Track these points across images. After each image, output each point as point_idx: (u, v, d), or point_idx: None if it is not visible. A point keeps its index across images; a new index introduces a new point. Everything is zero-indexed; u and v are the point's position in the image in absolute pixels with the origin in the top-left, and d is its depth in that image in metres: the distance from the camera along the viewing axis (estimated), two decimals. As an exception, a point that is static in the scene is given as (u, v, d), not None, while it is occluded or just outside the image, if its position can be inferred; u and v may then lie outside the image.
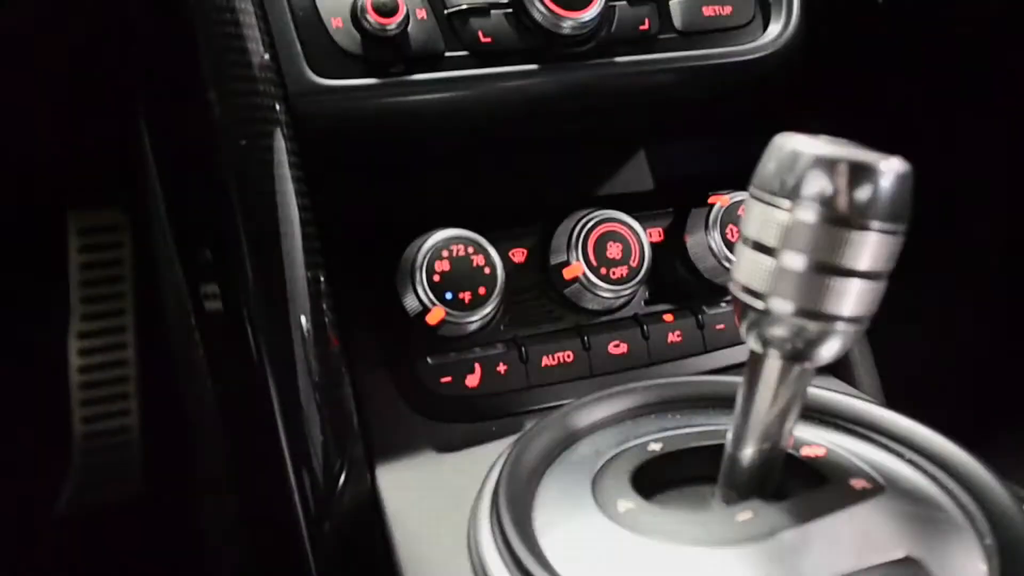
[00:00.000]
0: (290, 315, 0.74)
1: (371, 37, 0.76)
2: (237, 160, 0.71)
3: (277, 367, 0.73)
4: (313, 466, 0.73)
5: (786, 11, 0.91)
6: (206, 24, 0.73)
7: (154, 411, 1.49)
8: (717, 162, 1.35)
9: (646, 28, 0.86)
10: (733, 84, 0.90)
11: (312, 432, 0.73)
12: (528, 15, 0.80)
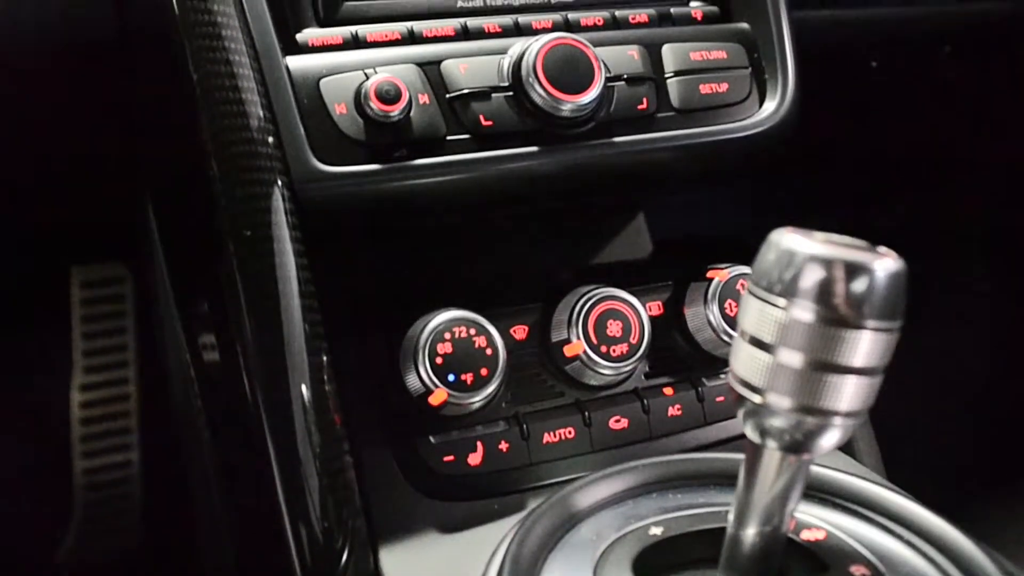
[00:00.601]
0: (291, 390, 0.75)
1: (374, 123, 0.78)
2: (240, 245, 0.72)
3: (280, 451, 0.75)
4: (315, 543, 0.74)
5: (781, 87, 0.94)
6: (210, 108, 0.75)
7: (155, 463, 1.50)
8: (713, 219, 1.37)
9: (644, 107, 0.88)
10: (730, 159, 0.93)
11: (314, 509, 0.74)
12: (528, 98, 0.82)
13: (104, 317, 1.47)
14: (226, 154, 0.74)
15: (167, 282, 1.10)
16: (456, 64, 0.83)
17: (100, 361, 1.47)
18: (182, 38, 0.77)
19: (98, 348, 1.47)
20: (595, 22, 0.93)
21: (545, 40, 0.83)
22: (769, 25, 0.96)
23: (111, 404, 1.48)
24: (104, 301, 1.47)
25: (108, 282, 1.46)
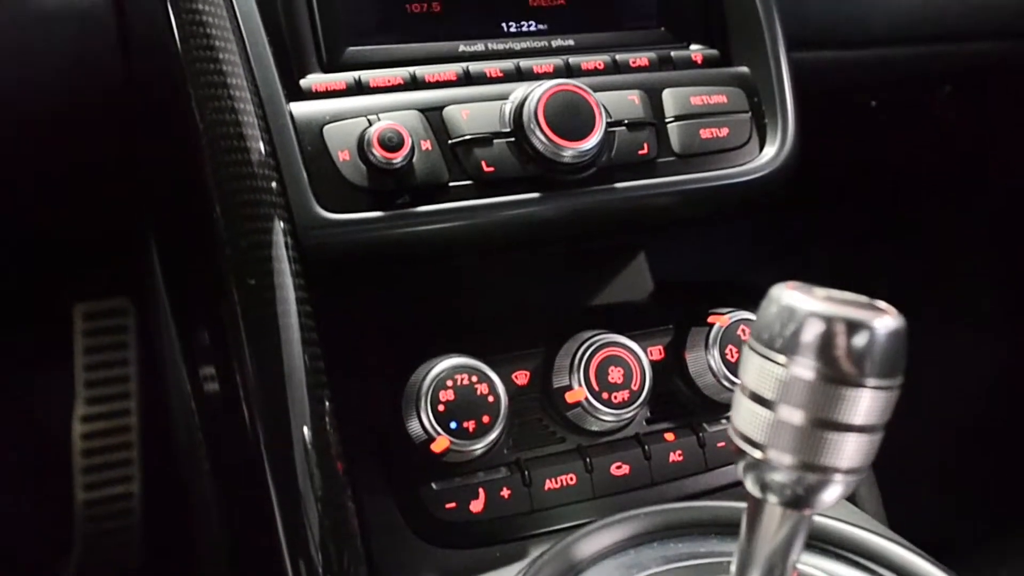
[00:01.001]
0: (293, 433, 0.76)
1: (377, 170, 0.79)
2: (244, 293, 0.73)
3: (282, 494, 0.75)
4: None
5: (781, 132, 0.95)
6: (215, 156, 0.76)
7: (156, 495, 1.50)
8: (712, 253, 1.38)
9: (645, 153, 0.89)
10: (730, 204, 0.94)
11: (316, 554, 0.75)
12: (530, 144, 0.84)
13: (106, 348, 1.48)
14: (231, 202, 0.75)
15: (170, 319, 1.11)
16: (458, 110, 0.84)
17: (102, 392, 1.48)
18: (188, 86, 0.78)
19: (100, 379, 1.48)
20: (596, 66, 0.94)
21: (546, 86, 0.84)
22: (769, 69, 0.98)
23: (113, 435, 1.48)
24: (106, 332, 1.48)
25: (110, 314, 1.47)
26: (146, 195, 0.99)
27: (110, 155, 0.93)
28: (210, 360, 0.92)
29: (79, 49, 0.85)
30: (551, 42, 0.95)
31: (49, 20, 0.84)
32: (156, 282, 1.16)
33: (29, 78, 0.84)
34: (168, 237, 1.00)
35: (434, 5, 0.92)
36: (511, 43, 0.93)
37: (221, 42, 0.78)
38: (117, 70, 0.86)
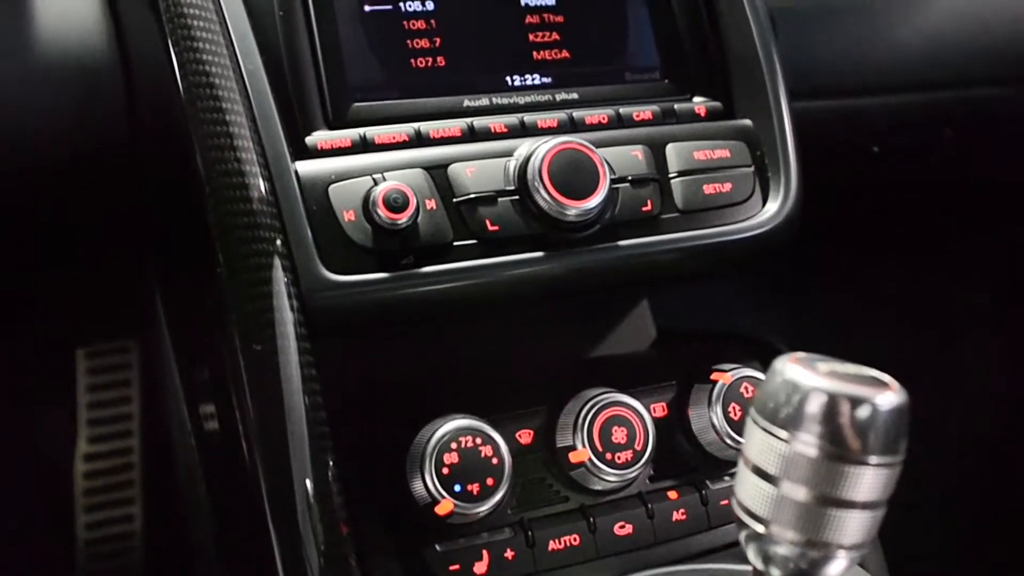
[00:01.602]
0: (296, 494, 0.77)
1: (382, 230, 0.81)
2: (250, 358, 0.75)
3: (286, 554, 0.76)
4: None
5: (784, 187, 0.96)
6: (222, 219, 0.77)
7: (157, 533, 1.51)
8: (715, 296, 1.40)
9: (649, 209, 0.91)
10: (734, 259, 0.95)
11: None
12: (534, 202, 0.85)
13: (109, 386, 1.49)
14: (237, 266, 0.76)
15: (173, 365, 1.12)
16: (463, 168, 0.86)
17: (104, 431, 1.49)
18: (194, 146, 0.80)
19: (103, 418, 1.49)
20: (600, 120, 0.96)
21: (550, 145, 0.85)
22: (772, 122, 0.99)
23: (115, 474, 1.49)
24: (109, 370, 1.49)
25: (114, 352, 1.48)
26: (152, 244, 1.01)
27: (115, 210, 0.95)
28: (214, 416, 0.93)
29: (86, 107, 0.87)
30: (555, 95, 0.96)
31: (56, 78, 0.86)
32: (160, 323, 1.17)
33: (35, 135, 0.86)
34: (172, 289, 1.02)
35: (439, 59, 0.93)
36: (515, 97, 0.95)
37: (228, 103, 0.79)
38: (123, 128, 0.88)
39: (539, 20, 0.98)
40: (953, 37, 1.26)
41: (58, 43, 0.87)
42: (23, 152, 0.87)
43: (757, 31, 1.02)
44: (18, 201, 0.92)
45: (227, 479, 0.93)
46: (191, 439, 1.12)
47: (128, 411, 1.50)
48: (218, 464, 0.98)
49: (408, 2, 0.94)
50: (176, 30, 0.80)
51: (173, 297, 1.07)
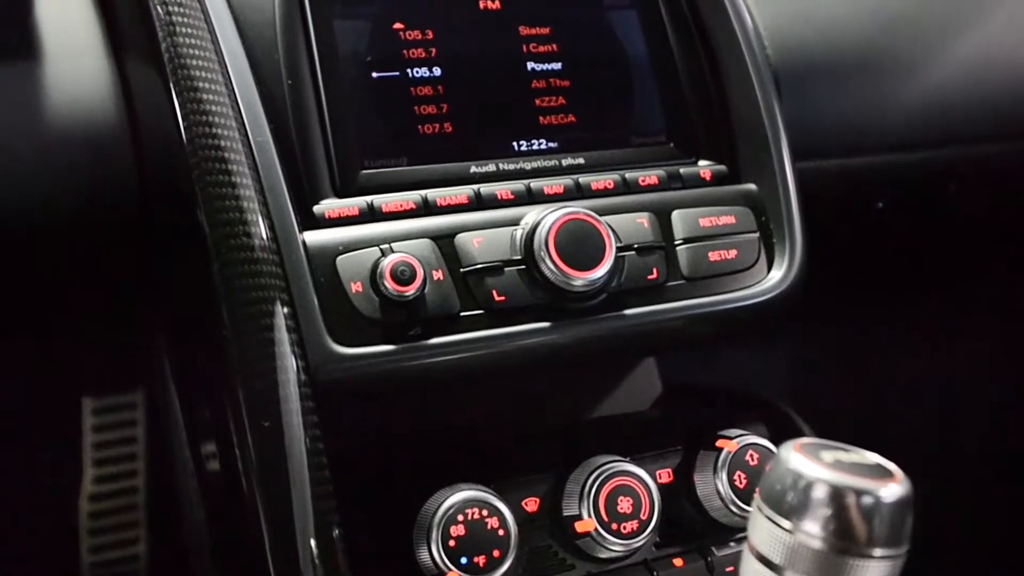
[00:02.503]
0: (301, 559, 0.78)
1: (389, 302, 0.82)
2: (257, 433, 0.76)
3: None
4: None
5: (789, 252, 0.98)
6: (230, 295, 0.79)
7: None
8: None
9: (654, 277, 0.92)
10: (740, 326, 0.97)
11: None
12: (540, 272, 0.87)
13: (115, 427, 1.50)
14: (246, 342, 0.78)
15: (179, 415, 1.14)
16: (470, 238, 0.88)
17: (110, 471, 1.50)
18: (202, 218, 0.81)
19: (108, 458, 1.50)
20: (606, 185, 0.97)
21: (557, 215, 0.87)
22: (776, 188, 1.01)
23: (120, 514, 1.50)
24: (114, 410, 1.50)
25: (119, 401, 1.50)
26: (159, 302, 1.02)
27: (124, 270, 0.96)
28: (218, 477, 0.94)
29: (95, 173, 0.89)
30: (561, 161, 0.98)
31: (66, 144, 0.88)
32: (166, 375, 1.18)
33: (45, 200, 0.88)
34: (179, 347, 1.03)
35: (446, 125, 0.95)
36: (522, 163, 0.97)
37: (237, 176, 0.81)
38: (132, 194, 0.90)
39: (545, 85, 1.00)
40: (957, 95, 1.28)
41: (68, 109, 0.89)
42: (33, 216, 0.88)
43: (761, 95, 1.04)
44: (29, 261, 0.94)
45: (234, 544, 0.94)
46: (196, 494, 1.13)
47: (133, 451, 1.51)
48: (224, 524, 0.99)
49: (416, 68, 0.95)
50: (186, 103, 0.82)
51: (179, 353, 1.08)
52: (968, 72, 1.29)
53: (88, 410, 1.47)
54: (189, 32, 0.86)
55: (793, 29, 1.15)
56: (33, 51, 0.88)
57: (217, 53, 0.85)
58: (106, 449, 1.47)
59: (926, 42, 1.26)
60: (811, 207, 1.04)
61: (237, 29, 0.89)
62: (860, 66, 1.19)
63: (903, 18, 1.24)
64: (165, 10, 0.86)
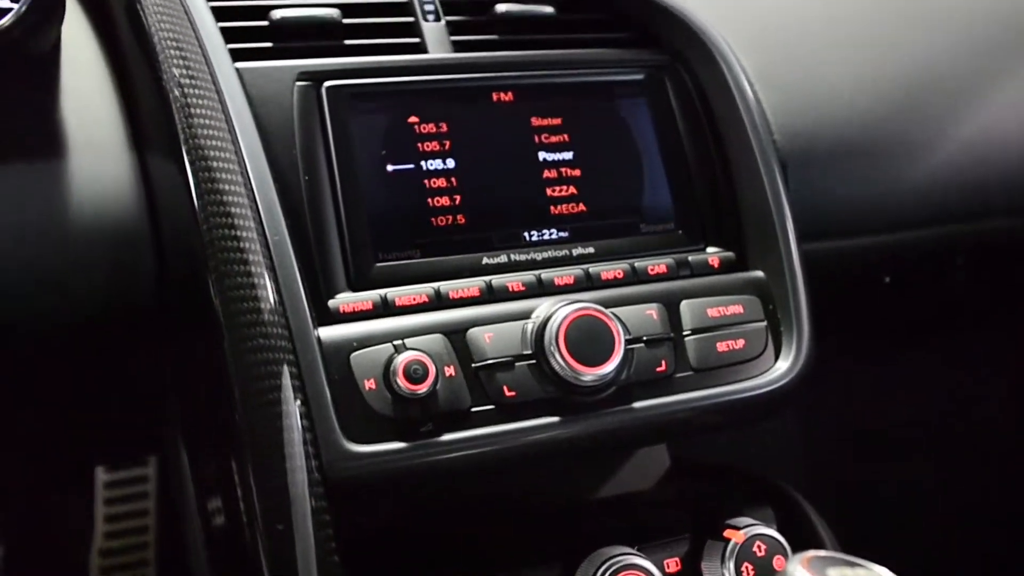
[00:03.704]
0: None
1: (402, 399, 0.84)
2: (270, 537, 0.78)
3: None
4: None
5: (796, 342, 1.00)
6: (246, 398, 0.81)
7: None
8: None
9: (663, 370, 0.94)
10: (747, 415, 0.98)
11: None
12: (550, 367, 0.89)
13: (126, 482, 1.52)
14: (260, 446, 0.80)
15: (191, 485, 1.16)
16: (481, 333, 0.90)
17: (121, 527, 1.51)
18: (218, 312, 0.84)
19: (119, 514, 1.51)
20: (615, 275, 0.99)
21: (567, 311, 0.89)
22: (784, 276, 1.03)
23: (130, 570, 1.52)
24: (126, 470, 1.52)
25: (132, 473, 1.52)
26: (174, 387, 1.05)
27: (140, 360, 0.99)
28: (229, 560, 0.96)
29: (116, 269, 0.91)
30: (572, 251, 1.01)
31: (87, 239, 0.91)
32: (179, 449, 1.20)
33: (64, 295, 0.90)
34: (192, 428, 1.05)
35: (459, 217, 0.98)
36: (533, 253, 0.99)
37: (256, 277, 0.83)
38: (151, 287, 0.92)
39: (557, 175, 1.03)
40: (965, 172, 1.30)
41: (91, 203, 0.91)
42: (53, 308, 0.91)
43: (768, 183, 1.06)
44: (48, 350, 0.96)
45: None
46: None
47: (145, 507, 1.52)
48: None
49: (429, 160, 0.98)
50: (206, 204, 0.85)
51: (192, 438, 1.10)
52: (976, 149, 1.32)
53: (101, 473, 1.49)
54: (209, 127, 0.89)
55: (800, 114, 1.17)
56: (57, 146, 0.91)
57: (237, 151, 0.88)
58: (118, 504, 1.49)
59: (933, 122, 1.28)
60: (818, 284, 1.06)
61: (257, 124, 0.92)
62: (867, 148, 1.21)
63: (909, 100, 1.26)
64: (185, 105, 0.89)
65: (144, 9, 0.95)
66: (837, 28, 1.30)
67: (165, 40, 0.93)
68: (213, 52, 0.94)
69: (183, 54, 0.92)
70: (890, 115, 1.25)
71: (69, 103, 0.95)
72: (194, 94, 0.90)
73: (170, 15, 0.94)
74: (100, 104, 0.96)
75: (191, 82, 0.91)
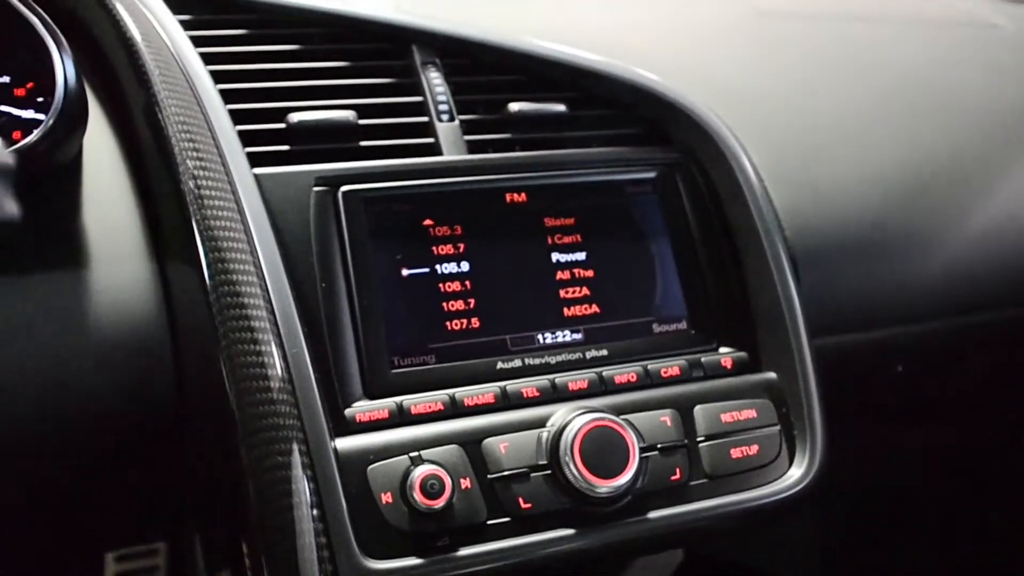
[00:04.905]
0: None
1: (419, 513, 0.85)
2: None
3: None
4: None
5: (810, 448, 1.01)
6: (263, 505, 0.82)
7: None
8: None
9: (678, 478, 0.95)
10: (761, 522, 0.99)
11: None
12: (565, 478, 0.90)
13: (136, 556, 1.52)
14: (275, 559, 0.81)
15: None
16: (497, 443, 0.91)
17: None
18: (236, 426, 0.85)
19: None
20: (629, 379, 1.01)
21: (582, 422, 0.91)
22: (797, 378, 1.05)
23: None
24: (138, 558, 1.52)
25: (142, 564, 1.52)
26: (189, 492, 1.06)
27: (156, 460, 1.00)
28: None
29: (133, 376, 0.93)
30: (585, 353, 1.02)
31: (106, 350, 0.92)
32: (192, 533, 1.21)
33: (82, 405, 0.92)
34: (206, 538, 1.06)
35: (473, 321, 1.00)
36: (547, 356, 1.01)
37: (275, 393, 0.85)
38: (169, 395, 0.94)
39: (570, 276, 1.05)
40: (976, 264, 1.32)
41: (111, 314, 0.93)
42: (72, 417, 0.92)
43: (780, 283, 1.08)
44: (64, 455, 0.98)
45: None
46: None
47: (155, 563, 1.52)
48: None
49: (444, 263, 1.00)
50: (226, 320, 0.87)
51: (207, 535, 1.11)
52: (987, 240, 1.34)
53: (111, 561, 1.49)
54: (228, 238, 0.91)
55: (810, 210, 1.20)
56: (78, 256, 0.92)
57: (255, 262, 0.90)
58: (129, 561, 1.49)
59: (943, 214, 1.31)
60: (830, 376, 1.07)
61: (274, 230, 0.94)
62: (878, 243, 1.23)
63: (918, 193, 1.28)
64: (204, 215, 0.91)
65: (163, 112, 0.97)
66: (845, 122, 1.32)
67: (183, 144, 0.95)
68: (231, 156, 0.96)
69: (201, 160, 0.94)
70: (900, 209, 1.27)
71: (90, 211, 0.97)
72: (212, 205, 0.92)
73: (188, 119, 0.97)
74: (121, 211, 0.98)
75: (210, 191, 0.93)
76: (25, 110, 0.94)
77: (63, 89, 0.90)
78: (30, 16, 0.91)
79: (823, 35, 1.52)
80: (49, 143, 0.88)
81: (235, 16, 1.12)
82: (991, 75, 1.55)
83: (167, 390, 0.93)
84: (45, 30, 0.91)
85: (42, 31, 0.91)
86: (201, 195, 0.92)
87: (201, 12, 1.11)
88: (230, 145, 0.98)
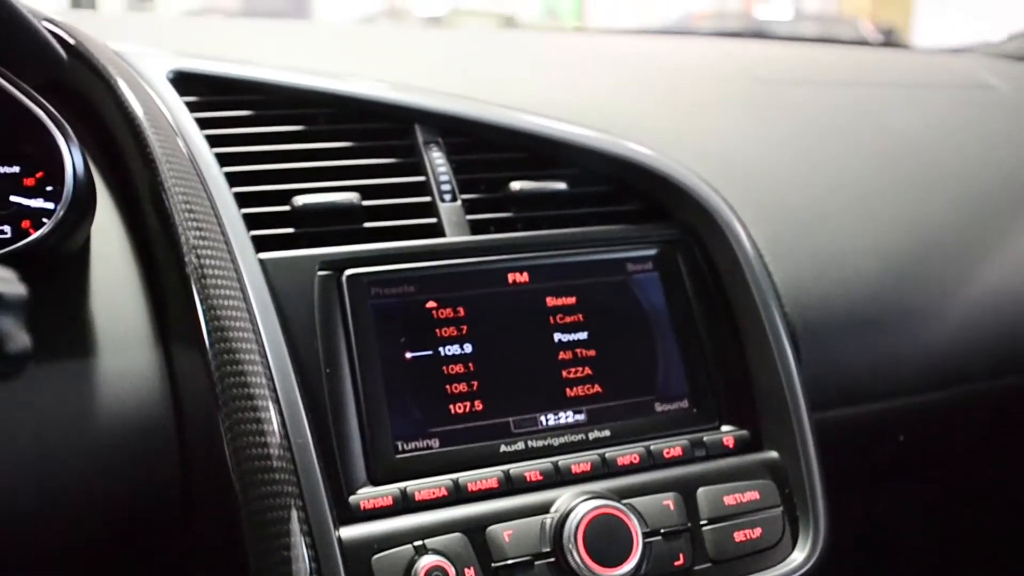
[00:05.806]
0: None
1: (423, 600, 0.86)
2: None
3: None
4: None
5: (813, 530, 1.02)
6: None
7: None
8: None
9: (681, 564, 0.96)
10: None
11: None
12: (568, 565, 0.91)
13: None
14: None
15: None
16: (501, 531, 0.92)
17: None
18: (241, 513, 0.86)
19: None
20: (631, 460, 1.02)
21: (585, 509, 0.92)
22: (799, 458, 1.06)
23: None
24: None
25: None
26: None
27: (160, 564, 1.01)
28: None
29: (138, 462, 0.94)
30: (588, 434, 1.03)
31: (111, 437, 0.93)
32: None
33: (87, 492, 0.92)
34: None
35: (476, 403, 1.01)
36: (550, 438, 1.02)
37: (281, 485, 0.86)
38: (174, 480, 0.95)
39: (572, 356, 1.06)
40: (976, 334, 1.33)
41: (117, 401, 0.93)
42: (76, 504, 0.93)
43: (780, 362, 1.10)
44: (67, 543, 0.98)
45: None
46: None
47: None
48: None
49: (447, 346, 1.02)
50: (232, 413, 0.88)
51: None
52: (986, 311, 1.35)
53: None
54: (234, 327, 0.92)
55: (810, 284, 1.21)
56: (84, 345, 0.93)
57: (261, 350, 0.91)
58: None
59: (943, 285, 1.32)
60: (830, 450, 1.08)
61: (279, 315, 0.95)
62: (878, 316, 1.24)
63: (917, 265, 1.30)
64: (210, 305, 0.92)
65: (168, 196, 0.98)
66: (843, 191, 1.34)
67: (189, 231, 0.96)
68: (236, 242, 0.98)
69: (207, 246, 0.96)
70: (898, 280, 1.29)
71: (97, 297, 0.98)
72: (217, 292, 0.93)
73: (194, 204, 0.98)
74: (128, 297, 0.99)
75: (215, 278, 0.94)
76: (34, 199, 0.96)
77: (72, 181, 0.92)
78: (37, 111, 0.93)
79: (819, 102, 1.54)
80: (59, 236, 0.90)
81: (240, 97, 1.14)
82: (987, 140, 1.57)
83: (172, 478, 0.94)
84: (52, 123, 0.93)
85: (49, 125, 0.93)
86: (206, 282, 0.93)
87: (206, 93, 1.13)
88: (235, 230, 0.99)
